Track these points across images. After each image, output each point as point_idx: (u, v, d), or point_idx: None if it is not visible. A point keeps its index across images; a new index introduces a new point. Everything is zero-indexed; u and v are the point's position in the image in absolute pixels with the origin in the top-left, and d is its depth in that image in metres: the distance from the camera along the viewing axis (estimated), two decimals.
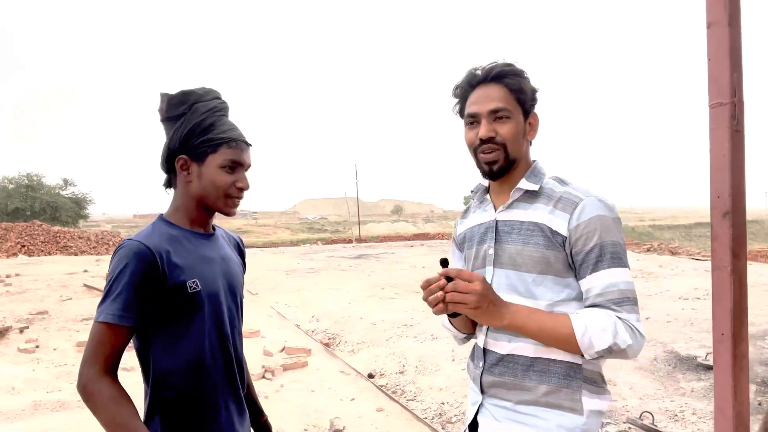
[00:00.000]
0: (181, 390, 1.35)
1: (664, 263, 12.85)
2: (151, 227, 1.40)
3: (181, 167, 1.41)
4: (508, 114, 1.36)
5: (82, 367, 1.25)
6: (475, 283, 1.21)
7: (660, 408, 3.87)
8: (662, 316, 6.78)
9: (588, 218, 1.29)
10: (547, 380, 1.32)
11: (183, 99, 1.41)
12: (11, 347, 6.20)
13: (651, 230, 60.27)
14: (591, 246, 1.28)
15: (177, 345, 1.35)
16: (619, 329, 1.21)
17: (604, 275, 1.26)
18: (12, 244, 22.31)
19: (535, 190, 1.39)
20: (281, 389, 4.80)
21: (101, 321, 1.25)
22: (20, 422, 4.08)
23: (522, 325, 1.25)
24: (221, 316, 1.44)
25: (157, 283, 1.30)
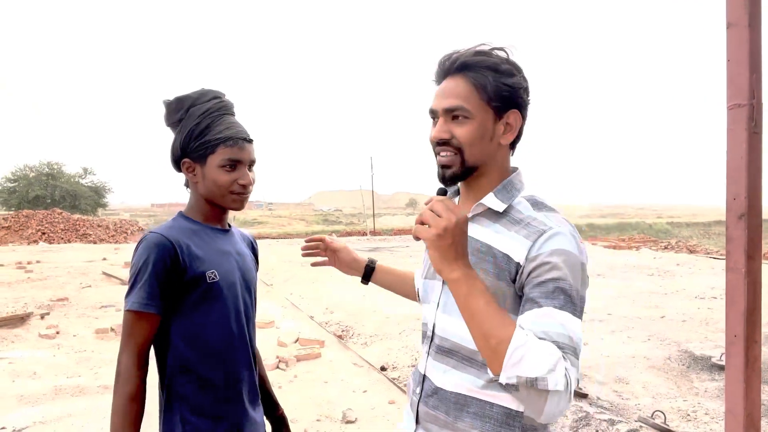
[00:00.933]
0: (201, 379, 1.41)
1: (682, 261, 12.72)
2: (172, 221, 1.48)
3: (187, 170, 1.48)
4: (467, 114, 1.15)
5: (119, 354, 1.35)
6: (453, 214, 1.00)
7: (672, 407, 3.86)
8: (678, 316, 6.73)
9: (550, 249, 1.06)
10: (481, 425, 1.13)
11: (178, 105, 1.47)
12: (32, 333, 6.34)
13: (669, 227, 59.51)
14: (547, 278, 1.03)
15: (197, 334, 1.41)
16: (559, 370, 0.92)
17: (555, 315, 1.00)
18: (33, 231, 22.74)
19: (499, 211, 1.17)
20: (294, 380, 4.86)
21: (129, 309, 1.34)
22: (41, 406, 4.18)
23: (471, 290, 0.98)
24: (238, 307, 1.50)
25: (178, 273, 1.38)
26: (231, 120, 1.49)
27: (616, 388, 4.23)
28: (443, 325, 1.21)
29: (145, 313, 1.35)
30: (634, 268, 11.71)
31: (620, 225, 58.59)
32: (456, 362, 1.17)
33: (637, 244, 23.49)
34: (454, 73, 1.18)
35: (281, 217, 67.22)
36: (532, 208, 1.17)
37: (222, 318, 1.45)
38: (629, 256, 14.53)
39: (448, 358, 1.19)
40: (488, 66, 1.15)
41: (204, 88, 1.51)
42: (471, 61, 1.16)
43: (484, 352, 0.98)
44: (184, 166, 1.48)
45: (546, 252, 1.06)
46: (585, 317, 3.26)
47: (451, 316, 1.19)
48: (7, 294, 8.27)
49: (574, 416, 3.58)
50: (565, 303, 1.01)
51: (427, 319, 1.28)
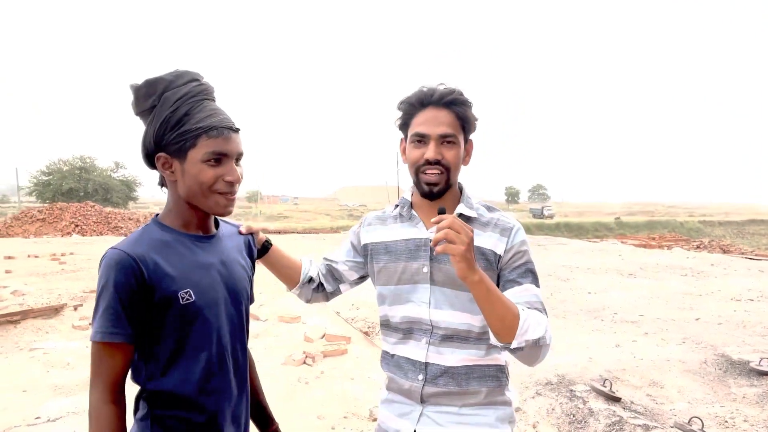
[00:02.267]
0: (181, 413, 1.25)
1: (716, 262, 12.37)
2: (141, 232, 1.27)
3: (162, 166, 1.26)
4: (455, 140, 1.45)
5: (89, 391, 1.18)
6: (469, 229, 1.26)
7: (709, 413, 3.73)
8: (713, 318, 6.54)
9: (519, 241, 1.47)
10: (485, 383, 1.47)
11: (149, 90, 1.24)
12: (66, 324, 6.48)
13: (701, 226, 58.06)
14: (520, 263, 1.45)
15: (172, 364, 1.23)
16: (548, 329, 1.35)
17: (531, 288, 1.41)
18: (66, 223, 23.32)
19: (471, 216, 1.50)
20: (321, 376, 4.86)
21: (92, 340, 1.17)
22: (74, 397, 4.26)
23: (489, 288, 1.28)
24: (221, 328, 1.30)
25: (145, 295, 1.18)
26: (213, 106, 1.27)
27: (650, 393, 4.12)
28: (440, 318, 1.47)
29: (112, 344, 1.16)
30: (666, 268, 11.44)
31: (650, 223, 57.39)
32: (458, 343, 1.47)
33: (668, 243, 22.99)
34: (442, 106, 1.44)
35: (306, 212, 67.65)
36: (488, 211, 1.54)
37: (201, 343, 1.26)
38: (661, 255, 14.20)
39: (450, 342, 1.47)
40: (464, 102, 1.46)
41: (179, 70, 1.27)
42: (457, 98, 1.44)
43: (500, 329, 1.31)
44: (158, 162, 1.26)
45: (517, 244, 1.46)
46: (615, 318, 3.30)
47: (443, 310, 1.47)
48: (42, 285, 8.48)
49: (607, 420, 3.49)
50: (533, 279, 1.44)
51: (414, 317, 1.50)
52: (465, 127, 1.48)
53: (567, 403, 3.83)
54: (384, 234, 1.60)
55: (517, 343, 1.31)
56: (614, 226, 53.97)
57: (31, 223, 23.21)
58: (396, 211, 1.61)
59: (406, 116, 1.50)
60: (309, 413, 4.04)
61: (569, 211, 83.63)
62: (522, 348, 1.32)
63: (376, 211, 1.72)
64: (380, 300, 1.60)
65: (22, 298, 7.26)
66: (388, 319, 1.58)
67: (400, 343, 1.54)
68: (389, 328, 1.58)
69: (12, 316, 6.21)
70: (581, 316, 6.81)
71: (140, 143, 1.28)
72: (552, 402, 3.91)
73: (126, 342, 1.17)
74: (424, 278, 1.49)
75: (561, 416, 3.71)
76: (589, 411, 3.67)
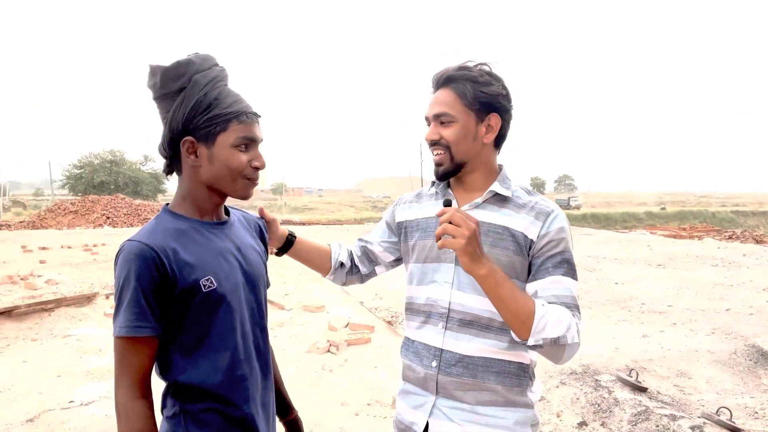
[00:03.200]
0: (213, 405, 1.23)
1: (748, 252, 12.05)
2: (155, 222, 1.24)
3: (187, 151, 1.23)
4: (451, 119, 1.40)
5: (115, 388, 1.15)
6: (470, 222, 1.21)
7: (739, 404, 3.66)
8: (744, 308, 6.38)
9: (557, 227, 1.37)
10: (503, 381, 1.39)
11: (180, 71, 1.21)
12: (98, 312, 6.66)
13: (734, 216, 56.57)
14: (555, 252, 1.35)
15: (199, 354, 1.22)
16: (572, 326, 1.26)
17: (563, 281, 1.32)
18: (98, 215, 23.88)
19: (507, 196, 1.43)
20: (345, 364, 4.91)
21: (118, 336, 1.14)
22: (106, 382, 4.39)
23: (498, 281, 1.23)
24: (243, 315, 1.30)
25: (167, 285, 1.16)
26: (235, 92, 1.26)
27: (678, 383, 4.05)
28: (461, 301, 1.40)
29: (138, 338, 1.14)
30: (696, 258, 11.19)
31: (681, 213, 56.14)
32: (477, 331, 1.39)
33: (699, 233, 22.48)
34: (442, 86, 1.43)
35: (331, 204, 67.98)
36: (526, 194, 1.45)
37: (225, 330, 1.24)
38: (691, 245, 13.89)
39: (469, 328, 1.39)
40: (468, 78, 1.40)
41: (201, 53, 1.25)
42: (455, 75, 1.41)
43: (514, 325, 1.26)
44: (183, 146, 1.23)
45: (554, 230, 1.36)
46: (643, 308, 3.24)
47: (466, 292, 1.40)
48: (75, 275, 8.72)
49: (632, 410, 3.45)
50: (568, 270, 1.34)
51: (436, 298, 1.45)
52: (469, 103, 1.40)
53: (592, 393, 3.80)
54: (418, 211, 1.57)
55: (534, 341, 1.25)
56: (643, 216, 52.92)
57: (64, 215, 23.84)
58: (432, 189, 1.59)
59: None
60: (333, 400, 4.09)
61: (597, 201, 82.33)
62: (541, 345, 1.26)
63: (413, 191, 1.70)
64: (409, 279, 1.57)
65: (56, 287, 7.48)
66: (413, 300, 1.54)
67: (420, 327, 1.49)
68: (412, 311, 1.54)
69: (46, 305, 6.41)
70: (608, 307, 6.72)
71: (164, 127, 1.25)
72: (576, 391, 3.88)
73: (152, 335, 1.15)
74: (449, 257, 1.44)
75: (586, 405, 3.68)
76: (614, 401, 3.63)
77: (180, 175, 1.28)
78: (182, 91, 1.21)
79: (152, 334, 1.15)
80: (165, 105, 1.24)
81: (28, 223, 23.22)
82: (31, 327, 5.93)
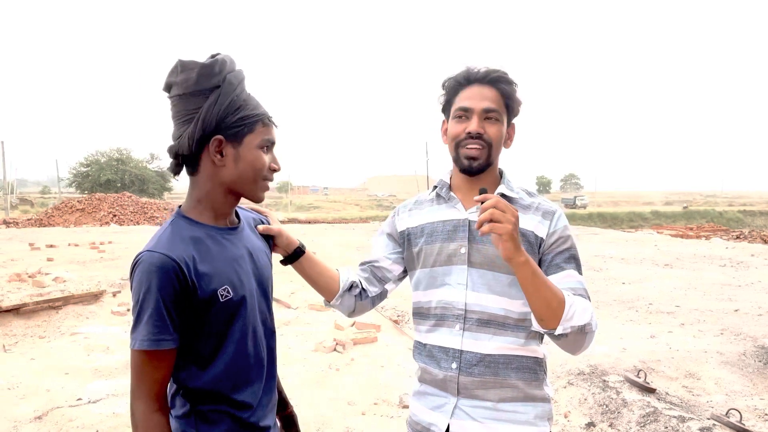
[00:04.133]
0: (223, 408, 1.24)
1: (756, 252, 11.97)
2: (170, 229, 1.21)
3: (215, 150, 1.22)
4: (498, 117, 1.43)
5: (131, 400, 1.15)
6: (513, 209, 1.24)
7: (748, 406, 3.64)
8: (753, 309, 6.34)
9: (562, 225, 1.44)
10: (522, 376, 1.42)
11: (216, 69, 1.19)
12: (105, 309, 6.69)
13: (741, 216, 56.23)
14: (563, 248, 1.41)
15: (213, 361, 1.22)
16: (593, 315, 1.32)
17: (574, 275, 1.38)
18: (104, 213, 23.98)
19: (513, 197, 1.47)
20: (351, 363, 4.91)
21: (138, 349, 1.12)
22: (114, 380, 4.41)
23: (534, 270, 1.25)
24: (255, 322, 1.30)
25: (187, 296, 1.15)
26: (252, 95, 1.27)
27: (686, 384, 4.03)
28: (477, 301, 1.42)
29: (159, 351, 1.13)
30: (704, 258, 11.13)
31: (687, 213, 55.84)
32: (495, 329, 1.41)
33: (706, 233, 22.36)
34: (487, 84, 1.43)
35: (336, 202, 68.04)
36: (528, 196, 1.50)
37: (239, 338, 1.25)
38: (699, 245, 13.82)
39: (487, 327, 1.41)
40: (510, 82, 1.45)
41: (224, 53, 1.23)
42: (502, 76, 1.43)
43: (545, 314, 1.28)
44: (212, 145, 1.21)
45: (560, 228, 1.43)
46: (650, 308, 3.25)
47: (480, 292, 1.41)
48: (82, 273, 8.76)
49: (641, 411, 3.43)
50: (577, 265, 1.41)
51: (450, 300, 1.45)
52: (509, 106, 1.46)
53: (600, 393, 3.78)
54: (421, 217, 1.56)
55: (562, 329, 1.27)
56: (649, 215, 52.69)
57: (71, 213, 23.95)
58: (433, 193, 1.58)
59: (450, 94, 1.48)
60: (339, 399, 4.09)
61: (603, 200, 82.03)
62: (566, 335, 1.28)
63: (409, 199, 1.68)
64: (415, 286, 1.56)
65: (63, 285, 7.51)
66: (422, 305, 1.53)
67: (432, 330, 1.48)
68: (421, 315, 1.53)
69: (54, 302, 6.43)
70: (615, 307, 6.69)
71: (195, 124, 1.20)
72: (584, 392, 3.86)
73: (173, 348, 1.15)
74: (462, 259, 1.44)
75: (593, 406, 3.67)
76: (622, 401, 3.61)
77: (194, 176, 1.26)
78: (215, 89, 1.20)
79: (173, 347, 1.15)
80: (193, 101, 1.20)
81: (35, 220, 23.35)
82: (39, 324, 5.96)
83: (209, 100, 1.19)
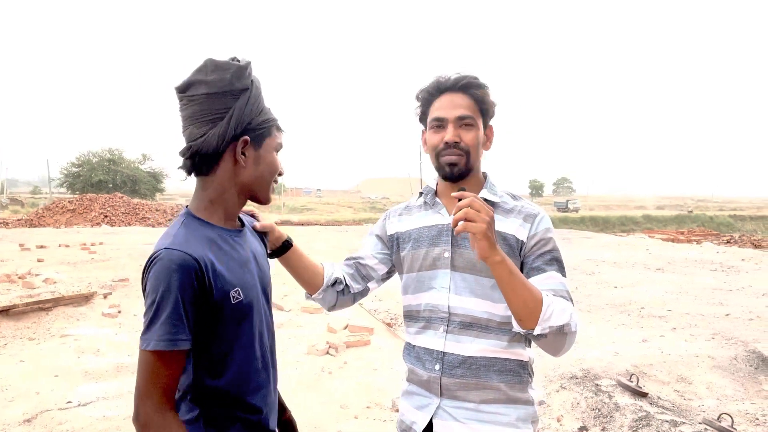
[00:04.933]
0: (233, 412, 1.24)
1: (747, 257, 12.06)
2: (184, 228, 1.19)
3: (241, 150, 1.23)
4: (472, 122, 1.45)
5: (137, 401, 1.10)
6: (489, 208, 1.25)
7: (740, 410, 3.65)
8: (743, 314, 6.38)
9: (544, 228, 1.44)
10: (505, 378, 1.43)
11: (247, 71, 1.21)
12: (96, 311, 6.63)
13: (732, 221, 56.64)
14: (545, 251, 1.42)
15: (224, 363, 1.21)
16: (574, 315, 1.31)
17: (556, 276, 1.38)
18: (96, 214, 23.82)
19: (496, 202, 1.48)
20: (344, 366, 4.89)
21: (153, 350, 1.08)
22: (105, 383, 4.37)
23: (511, 269, 1.26)
24: (261, 325, 1.31)
25: (204, 297, 1.14)
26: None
27: (678, 388, 4.04)
28: (460, 304, 1.44)
29: (173, 351, 1.09)
30: (695, 262, 11.20)
31: (678, 217, 56.19)
32: (477, 332, 1.43)
33: (697, 237, 22.50)
34: (458, 91, 1.46)
35: (329, 204, 67.90)
36: (512, 199, 1.52)
37: (248, 341, 1.25)
38: (690, 250, 13.90)
39: (469, 330, 1.43)
40: (481, 86, 1.47)
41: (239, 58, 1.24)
42: (472, 81, 1.45)
43: (523, 313, 1.28)
44: (240, 145, 1.22)
45: (541, 231, 1.43)
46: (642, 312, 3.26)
47: (463, 296, 1.44)
48: (73, 274, 8.69)
49: (633, 415, 3.44)
50: (559, 267, 1.41)
51: (436, 303, 1.48)
52: (483, 110, 1.47)
53: (592, 398, 3.79)
54: (409, 222, 1.61)
55: (541, 329, 1.28)
56: (641, 219, 52.98)
57: (61, 213, 23.78)
58: (420, 199, 1.62)
59: (425, 105, 1.52)
60: (332, 402, 4.07)
61: (595, 204, 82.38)
62: (545, 335, 1.29)
63: (400, 203, 1.72)
64: (404, 290, 1.60)
65: (53, 286, 7.45)
66: (412, 308, 1.57)
67: (420, 333, 1.52)
68: (411, 318, 1.57)
69: (44, 304, 6.38)
70: (607, 311, 6.71)
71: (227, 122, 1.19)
72: (577, 396, 3.87)
73: (188, 349, 1.12)
74: (445, 263, 1.48)
75: (586, 410, 3.67)
76: (615, 406, 3.62)
77: (208, 176, 1.24)
78: (245, 91, 1.21)
79: (188, 348, 1.12)
80: (222, 101, 1.19)
81: (25, 221, 23.16)
82: (29, 326, 5.90)
83: (239, 101, 1.20)
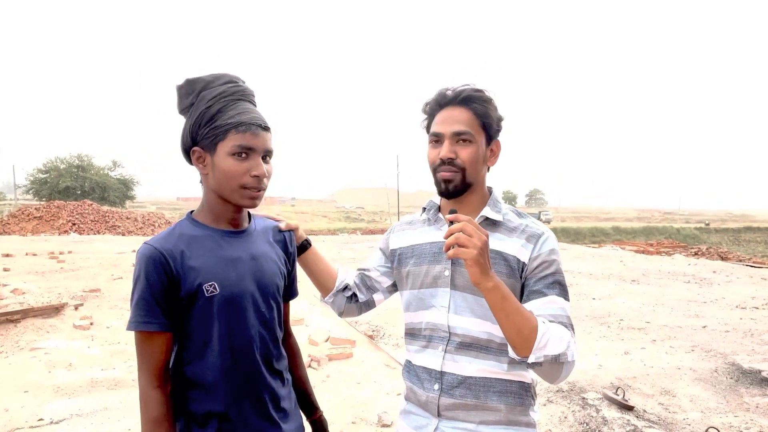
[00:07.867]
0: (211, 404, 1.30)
1: (718, 269, 12.36)
2: (174, 226, 1.35)
3: (197, 160, 1.32)
4: (471, 138, 1.39)
5: (138, 376, 1.28)
6: (482, 233, 1.20)
7: (723, 423, 3.69)
8: (719, 326, 6.50)
9: (548, 249, 1.38)
10: (505, 400, 1.38)
11: (189, 88, 1.32)
12: (67, 323, 6.39)
13: (697, 233, 58.17)
14: (546, 273, 1.35)
15: (201, 353, 1.29)
16: (571, 344, 1.26)
17: (558, 301, 1.32)
18: (64, 221, 23.18)
19: (498, 220, 1.43)
20: (327, 380, 4.80)
21: (128, 330, 1.26)
22: (78, 399, 4.19)
23: (504, 295, 1.21)
24: (248, 321, 1.34)
25: (173, 287, 1.26)
26: (247, 106, 1.32)
27: (663, 401, 4.07)
28: (460, 324, 1.40)
29: (149, 332, 1.24)
30: (669, 274, 11.41)
31: (646, 229, 57.49)
32: (476, 353, 1.38)
33: (666, 249, 22.99)
34: (457, 105, 1.40)
35: (304, 213, 67.48)
36: (518, 217, 1.46)
37: (227, 334, 1.30)
38: (662, 262, 14.18)
39: (469, 350, 1.39)
40: (484, 100, 1.40)
41: (219, 72, 1.34)
42: (473, 95, 1.39)
43: (516, 341, 1.23)
44: (194, 156, 1.32)
45: (545, 252, 1.37)
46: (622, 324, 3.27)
47: (462, 316, 1.40)
48: (41, 284, 8.39)
49: (621, 429, 3.44)
50: (561, 291, 1.34)
51: (436, 322, 1.44)
52: (486, 124, 1.41)
53: (580, 411, 3.78)
54: (412, 238, 1.57)
55: (535, 358, 1.22)
56: (611, 231, 54.04)
57: (28, 220, 23.07)
58: (424, 215, 1.59)
59: (429, 118, 1.48)
60: None
61: (566, 215, 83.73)
62: (540, 363, 1.24)
63: (406, 216, 1.69)
64: (406, 307, 1.56)
65: (22, 297, 7.17)
66: (413, 325, 1.52)
67: (421, 351, 1.48)
68: (413, 336, 1.53)
69: (12, 315, 6.12)
70: (587, 323, 6.76)
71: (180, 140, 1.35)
72: (564, 410, 3.86)
73: (160, 331, 1.25)
74: (445, 282, 1.44)
75: (574, 424, 3.66)
76: (602, 419, 3.61)
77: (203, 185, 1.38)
78: (192, 106, 1.32)
79: (160, 330, 1.25)
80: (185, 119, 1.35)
81: None
82: None
83: (188, 116, 1.33)
